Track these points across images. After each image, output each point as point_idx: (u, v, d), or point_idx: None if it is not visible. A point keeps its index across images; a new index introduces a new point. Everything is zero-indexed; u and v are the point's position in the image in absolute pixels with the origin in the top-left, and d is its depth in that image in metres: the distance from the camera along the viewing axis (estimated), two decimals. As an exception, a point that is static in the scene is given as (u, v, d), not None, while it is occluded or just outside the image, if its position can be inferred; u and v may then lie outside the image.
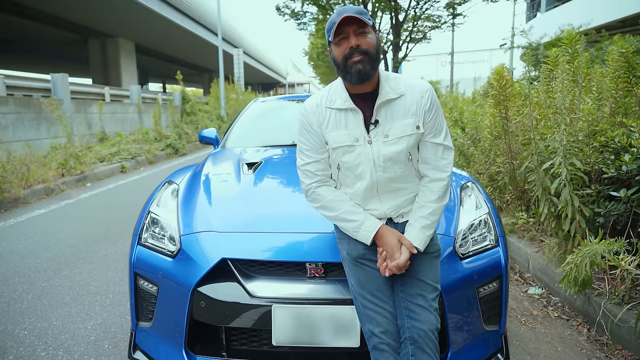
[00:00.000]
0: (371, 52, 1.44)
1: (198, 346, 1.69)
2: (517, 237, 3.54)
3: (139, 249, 1.85)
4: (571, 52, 3.00)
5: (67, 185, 6.70)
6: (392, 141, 1.47)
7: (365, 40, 1.44)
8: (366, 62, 1.43)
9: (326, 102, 1.54)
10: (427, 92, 1.51)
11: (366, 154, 1.48)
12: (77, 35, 20.60)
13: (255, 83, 55.49)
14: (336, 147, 1.51)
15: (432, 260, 1.51)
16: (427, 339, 1.37)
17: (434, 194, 1.50)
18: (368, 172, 1.49)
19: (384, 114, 1.49)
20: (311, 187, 1.58)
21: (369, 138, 1.48)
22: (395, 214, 1.55)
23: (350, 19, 1.41)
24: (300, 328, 1.53)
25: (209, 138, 3.44)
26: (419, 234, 1.47)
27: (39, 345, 2.31)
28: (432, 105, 1.51)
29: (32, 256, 3.67)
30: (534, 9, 25.74)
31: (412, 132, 1.48)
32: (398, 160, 1.49)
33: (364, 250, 1.51)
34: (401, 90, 1.50)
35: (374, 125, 1.48)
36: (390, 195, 1.53)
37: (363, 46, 1.43)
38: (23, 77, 10.40)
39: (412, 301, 1.43)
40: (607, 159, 2.69)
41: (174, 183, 2.25)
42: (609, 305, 2.30)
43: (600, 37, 9.09)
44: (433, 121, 1.51)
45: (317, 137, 1.55)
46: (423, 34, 17.25)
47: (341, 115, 1.51)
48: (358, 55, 1.43)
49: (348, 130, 1.50)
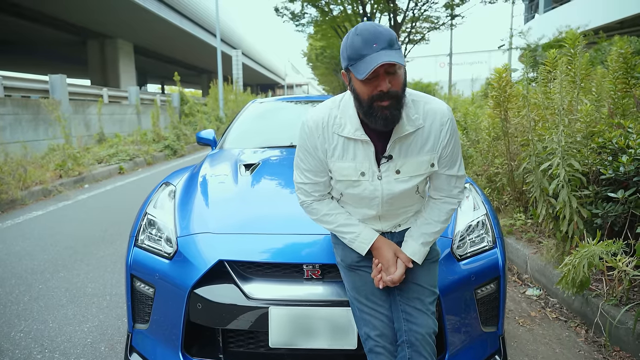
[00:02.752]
0: (400, 94, 1.26)
1: (195, 348, 1.68)
2: (515, 238, 3.54)
3: (136, 250, 1.84)
4: (573, 52, 3.00)
5: (65, 186, 6.69)
6: (404, 179, 1.38)
7: (395, 80, 1.24)
8: (394, 107, 1.26)
9: (333, 127, 1.37)
10: (447, 123, 1.36)
11: (373, 190, 1.39)
12: (75, 36, 20.58)
13: (254, 84, 55.50)
14: (341, 180, 1.41)
15: (430, 265, 1.51)
16: (424, 343, 1.36)
17: (442, 214, 1.47)
18: (374, 205, 1.43)
19: (398, 148, 1.35)
20: (306, 203, 1.51)
21: (379, 173, 1.37)
22: (394, 229, 1.53)
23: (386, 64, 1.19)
24: (297, 330, 1.53)
25: (207, 139, 3.43)
26: (420, 249, 1.44)
27: (35, 348, 2.30)
28: (451, 138, 1.37)
29: (29, 258, 3.65)
30: (532, 10, 25.81)
31: (425, 170, 1.39)
32: (406, 195, 1.42)
33: (358, 257, 1.51)
34: (419, 121, 1.34)
35: (386, 159, 1.36)
36: (391, 215, 1.49)
37: (393, 88, 1.24)
38: (21, 78, 10.39)
39: (410, 304, 1.42)
40: (604, 160, 2.69)
41: (171, 184, 2.24)
42: (606, 307, 2.30)
43: (598, 39, 9.12)
44: (450, 155, 1.39)
45: (319, 162, 1.42)
46: (422, 35, 17.28)
47: (349, 144, 1.37)
48: (388, 99, 1.24)
49: (355, 163, 1.37)
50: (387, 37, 1.21)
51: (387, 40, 1.20)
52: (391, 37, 1.22)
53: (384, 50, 1.19)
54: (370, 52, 1.20)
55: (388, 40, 1.21)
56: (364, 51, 1.20)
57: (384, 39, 1.20)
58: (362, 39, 1.21)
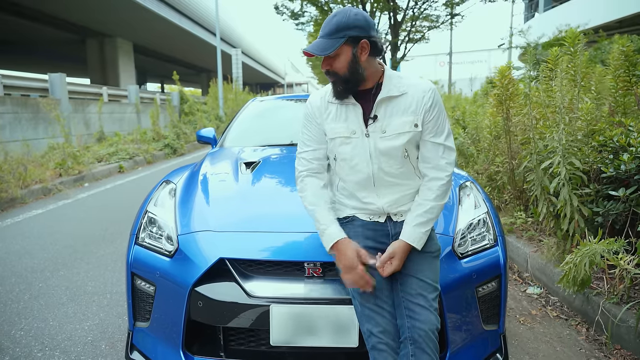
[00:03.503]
0: (341, 74, 1.45)
1: (196, 346, 1.68)
2: (516, 236, 3.53)
3: (137, 248, 1.83)
4: (573, 51, 3.00)
5: (65, 185, 6.68)
6: (389, 137, 1.49)
7: (336, 63, 1.45)
8: (339, 84, 1.47)
9: (328, 97, 1.57)
10: (429, 91, 1.50)
11: (362, 147, 1.50)
12: (75, 35, 20.56)
13: (254, 83, 55.47)
14: (334, 138, 1.54)
15: (432, 260, 1.51)
16: (427, 339, 1.36)
17: (432, 192, 1.50)
18: (364, 165, 1.51)
19: (383, 110, 1.50)
20: (302, 175, 1.61)
21: (367, 131, 1.50)
22: (393, 209, 1.54)
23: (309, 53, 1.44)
24: (299, 328, 1.52)
25: (207, 137, 3.42)
26: (412, 231, 1.46)
27: (35, 346, 2.30)
28: (434, 105, 1.50)
29: (29, 256, 3.65)
30: (532, 9, 25.80)
31: (409, 129, 1.48)
32: (394, 155, 1.50)
33: (363, 249, 1.50)
34: (403, 88, 1.50)
35: (372, 120, 1.50)
36: (387, 190, 1.53)
37: (333, 69, 1.46)
38: (21, 77, 10.38)
39: (413, 301, 1.42)
40: (605, 159, 2.68)
41: (172, 182, 2.24)
42: (607, 305, 2.29)
43: (598, 38, 9.11)
44: (434, 121, 1.50)
45: (318, 127, 1.59)
46: (421, 34, 17.27)
47: (342, 109, 1.54)
48: (332, 77, 1.48)
49: (347, 123, 1.52)
50: (331, 27, 1.42)
51: (328, 29, 1.42)
52: (336, 26, 1.41)
53: (320, 38, 1.43)
54: (318, 38, 1.44)
55: (329, 29, 1.42)
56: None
57: (327, 28, 1.42)
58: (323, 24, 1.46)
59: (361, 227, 1.56)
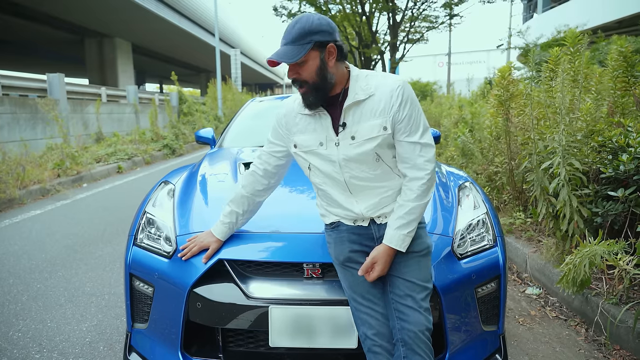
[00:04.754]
0: (310, 82, 1.41)
1: (194, 348, 1.67)
2: (515, 237, 3.53)
3: (135, 249, 1.83)
4: (573, 51, 2.99)
5: (63, 185, 6.67)
6: (358, 143, 1.44)
7: (302, 70, 1.40)
8: (310, 93, 1.42)
9: (298, 108, 1.54)
10: (397, 89, 1.42)
11: (331, 156, 1.47)
12: (73, 35, 20.54)
13: (253, 83, 55.46)
14: (305, 150, 1.53)
15: (419, 260, 1.48)
16: (418, 340, 1.36)
17: (412, 192, 1.45)
18: (336, 174, 1.48)
19: (351, 115, 1.45)
20: (252, 167, 1.69)
21: (337, 140, 1.46)
22: (375, 213, 1.51)
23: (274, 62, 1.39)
24: (298, 329, 1.52)
25: (206, 138, 3.41)
26: (394, 234, 1.44)
27: (33, 348, 2.29)
28: (404, 103, 1.43)
29: (27, 257, 3.64)
30: (531, 10, 25.84)
31: (377, 133, 1.43)
32: (364, 161, 1.45)
33: (349, 253, 1.51)
34: (371, 90, 1.44)
35: (342, 127, 1.45)
36: (365, 195, 1.50)
37: (301, 77, 1.41)
38: (19, 77, 10.36)
39: (401, 302, 1.41)
40: (604, 159, 2.68)
41: (170, 183, 2.23)
42: (606, 306, 2.29)
43: (596, 38, 9.12)
44: (407, 120, 1.43)
45: (281, 139, 1.61)
46: (420, 35, 17.26)
47: (310, 120, 1.51)
48: (300, 86, 1.43)
49: (316, 134, 1.49)
50: (295, 33, 1.36)
51: (291, 37, 1.36)
52: (300, 32, 1.36)
53: (284, 45, 1.37)
54: (280, 46, 1.39)
55: (294, 35, 1.36)
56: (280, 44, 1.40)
57: (291, 35, 1.36)
58: (284, 32, 1.39)
59: (346, 232, 1.55)
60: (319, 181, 1.55)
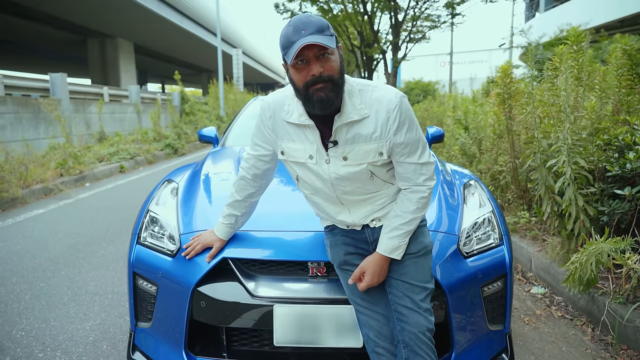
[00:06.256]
0: (335, 78, 1.28)
1: (198, 347, 1.66)
2: (519, 236, 3.51)
3: (138, 248, 1.82)
4: (576, 49, 2.97)
5: (66, 185, 6.67)
6: (351, 165, 1.38)
7: (328, 64, 1.27)
8: (329, 90, 1.27)
9: (282, 114, 1.42)
10: (394, 110, 1.33)
11: (321, 173, 1.41)
12: (75, 35, 20.55)
13: (254, 83, 55.45)
14: (293, 161, 1.45)
15: (416, 261, 1.45)
16: (418, 342, 1.34)
17: (412, 204, 1.42)
18: (327, 189, 1.44)
19: (344, 135, 1.35)
20: (240, 173, 1.63)
21: (327, 157, 1.38)
22: (368, 220, 1.49)
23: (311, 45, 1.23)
24: (302, 328, 1.51)
25: (209, 137, 3.40)
26: (388, 242, 1.42)
27: (36, 346, 2.28)
28: (401, 125, 1.34)
29: (30, 256, 3.63)
30: (533, 9, 25.76)
31: (373, 159, 1.37)
32: (357, 179, 1.40)
33: (345, 256, 1.50)
34: (365, 110, 1.34)
35: (332, 144, 1.37)
36: (357, 205, 1.47)
37: (326, 72, 1.26)
38: (21, 77, 10.37)
39: (400, 304, 1.40)
40: (610, 157, 2.66)
41: (174, 182, 2.22)
42: (613, 305, 2.27)
43: (599, 37, 9.09)
44: (405, 143, 1.36)
45: (266, 138, 1.51)
46: (422, 34, 17.23)
47: (297, 129, 1.41)
48: (322, 83, 1.26)
49: (304, 146, 1.40)
50: (316, 24, 1.25)
51: (316, 27, 1.24)
52: (321, 25, 1.26)
53: (311, 35, 1.23)
54: (299, 38, 1.24)
55: (317, 26, 1.25)
56: (294, 38, 1.24)
57: (313, 26, 1.24)
58: (293, 28, 1.25)
59: (340, 235, 1.54)
60: (308, 192, 1.51)
